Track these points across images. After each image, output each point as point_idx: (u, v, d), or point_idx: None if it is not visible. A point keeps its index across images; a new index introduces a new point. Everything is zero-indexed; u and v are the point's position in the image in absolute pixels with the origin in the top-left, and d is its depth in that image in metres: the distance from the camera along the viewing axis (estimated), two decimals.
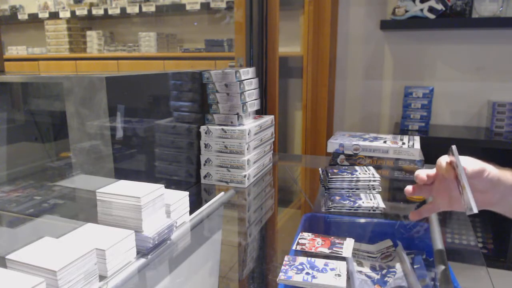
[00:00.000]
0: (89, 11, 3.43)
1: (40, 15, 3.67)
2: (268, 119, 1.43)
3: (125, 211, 0.73)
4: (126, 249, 0.69)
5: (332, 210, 1.02)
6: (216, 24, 3.16)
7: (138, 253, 0.73)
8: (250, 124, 1.28)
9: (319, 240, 0.81)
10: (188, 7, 3.02)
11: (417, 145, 1.34)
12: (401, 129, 2.14)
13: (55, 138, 1.29)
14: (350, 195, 1.10)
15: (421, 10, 2.01)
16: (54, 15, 3.63)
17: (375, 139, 1.41)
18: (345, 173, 1.15)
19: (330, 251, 0.77)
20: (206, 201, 1.07)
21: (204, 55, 3.04)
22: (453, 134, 2.06)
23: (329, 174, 1.14)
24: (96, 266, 0.61)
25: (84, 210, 0.95)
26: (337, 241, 0.80)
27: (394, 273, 0.80)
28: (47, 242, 0.61)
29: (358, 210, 1.02)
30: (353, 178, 1.13)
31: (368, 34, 2.33)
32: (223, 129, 1.23)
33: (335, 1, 2.27)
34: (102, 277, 0.64)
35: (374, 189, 1.12)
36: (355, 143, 1.36)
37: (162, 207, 0.78)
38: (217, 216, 1.05)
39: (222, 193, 1.17)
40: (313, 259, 0.73)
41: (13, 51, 3.82)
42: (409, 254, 0.85)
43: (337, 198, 1.07)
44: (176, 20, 3.33)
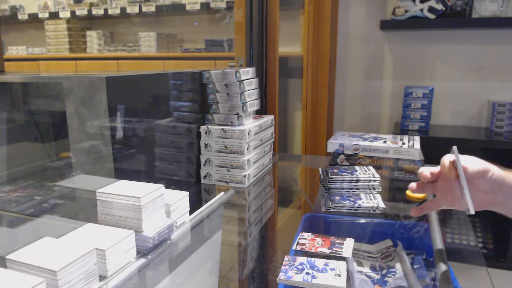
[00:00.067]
0: (89, 11, 3.43)
1: (40, 15, 3.67)
2: (268, 119, 1.43)
3: (125, 211, 0.73)
4: (126, 249, 0.69)
5: (332, 210, 1.02)
6: (216, 24, 3.16)
7: (138, 253, 0.73)
8: (250, 124, 1.28)
9: (319, 240, 0.81)
10: (188, 7, 3.02)
11: (417, 145, 1.34)
12: (401, 129, 2.14)
13: (55, 138, 1.29)
14: (350, 195, 1.10)
15: (421, 10, 2.01)
16: (54, 15, 3.62)
17: (375, 139, 1.41)
18: (345, 173, 1.15)
19: (330, 251, 0.77)
20: (206, 201, 1.07)
21: (204, 55, 3.04)
22: (453, 134, 2.06)
23: (329, 174, 1.14)
24: (96, 266, 0.61)
25: (84, 210, 0.95)
26: (337, 241, 0.80)
27: (394, 273, 0.80)
28: (47, 242, 0.61)
29: (358, 210, 1.02)
30: (353, 178, 1.13)
31: (368, 34, 2.33)
32: (223, 129, 1.23)
33: (335, 1, 2.27)
34: (102, 277, 0.64)
35: (374, 189, 1.12)
36: (355, 143, 1.36)
37: (162, 207, 0.78)
38: (217, 216, 1.05)
39: (222, 193, 1.17)
40: (313, 259, 0.73)
41: (13, 51, 3.82)
42: (409, 254, 0.85)
43: (337, 198, 1.07)
44: (176, 20, 3.33)
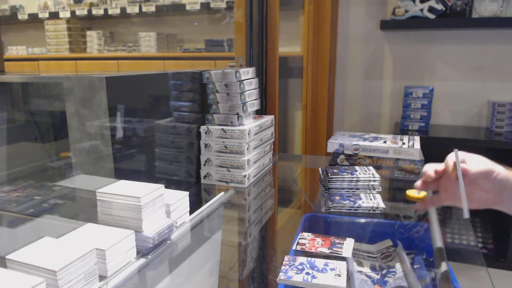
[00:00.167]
0: (89, 11, 3.43)
1: (40, 15, 3.67)
2: (268, 119, 1.43)
3: (125, 211, 0.73)
4: (126, 249, 0.69)
5: (332, 210, 1.02)
6: (216, 24, 3.16)
7: (138, 253, 0.73)
8: (250, 124, 1.28)
9: (319, 240, 0.81)
10: (188, 7, 3.02)
11: (417, 145, 1.34)
12: (401, 129, 2.14)
13: (55, 138, 1.29)
14: (350, 195, 1.10)
15: (421, 10, 2.01)
16: (54, 15, 3.62)
17: (375, 139, 1.41)
18: (345, 173, 1.15)
19: (330, 251, 0.77)
20: (206, 201, 1.07)
21: (204, 55, 3.04)
22: (453, 134, 2.06)
23: (329, 174, 1.14)
24: (96, 266, 0.61)
25: (84, 210, 0.95)
26: (337, 241, 0.80)
27: (394, 273, 0.80)
28: (47, 242, 0.61)
29: (358, 210, 1.02)
30: (353, 178, 1.13)
31: (368, 34, 2.33)
32: (223, 129, 1.23)
33: (335, 1, 2.27)
34: (102, 277, 0.64)
35: (374, 189, 1.12)
36: (355, 143, 1.36)
37: (162, 207, 0.78)
38: (217, 216, 1.05)
39: (222, 193, 1.17)
40: (313, 259, 0.73)
41: (13, 51, 3.82)
42: (409, 254, 0.85)
43: (337, 198, 1.07)
44: (176, 20, 3.33)
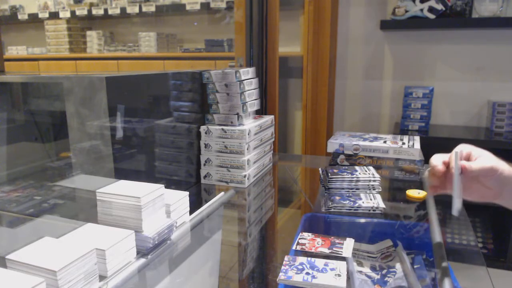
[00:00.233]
0: (89, 11, 3.43)
1: (40, 15, 3.67)
2: (268, 119, 1.43)
3: (125, 211, 0.73)
4: (126, 249, 0.69)
5: (332, 210, 1.02)
6: (216, 24, 3.16)
7: (138, 253, 0.73)
8: (250, 124, 1.28)
9: (319, 240, 0.81)
10: (188, 7, 3.02)
11: (417, 145, 1.34)
12: (401, 129, 2.14)
13: (55, 138, 1.29)
14: (350, 195, 1.10)
15: (421, 10, 2.01)
16: (54, 15, 3.62)
17: (375, 139, 1.41)
18: (345, 173, 1.15)
19: (330, 251, 0.77)
20: (206, 201, 1.07)
21: (204, 55, 3.04)
22: (453, 134, 2.06)
23: (329, 174, 1.14)
24: (96, 266, 0.61)
25: (84, 210, 0.95)
26: (337, 241, 0.80)
27: (394, 273, 0.80)
28: (47, 242, 0.61)
29: (358, 210, 1.02)
30: (353, 178, 1.13)
31: (368, 34, 2.33)
32: (223, 129, 1.23)
33: (335, 1, 2.27)
34: (102, 277, 0.64)
35: (374, 189, 1.12)
36: (355, 143, 1.36)
37: (162, 207, 0.78)
38: (217, 216, 1.05)
39: (222, 193, 1.17)
40: (313, 259, 0.73)
41: (13, 51, 3.82)
42: (409, 254, 0.85)
43: (337, 198, 1.07)
44: (176, 20, 3.33)
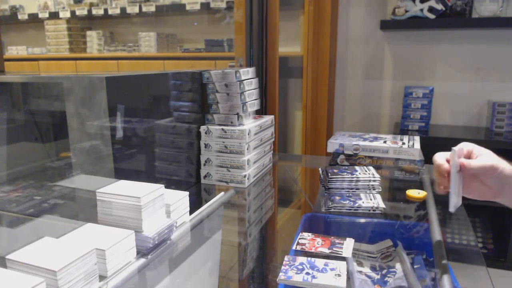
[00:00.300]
0: (89, 11, 3.43)
1: (40, 15, 3.67)
2: (268, 119, 1.43)
3: (125, 211, 0.73)
4: (126, 249, 0.69)
5: (332, 210, 1.02)
6: (216, 24, 3.16)
7: (138, 253, 0.73)
8: (250, 124, 1.28)
9: (319, 240, 0.81)
10: (188, 7, 3.02)
11: (417, 145, 1.34)
12: (401, 129, 2.14)
13: (55, 138, 1.29)
14: (350, 195, 1.10)
15: (421, 10, 2.01)
16: (54, 15, 3.62)
17: (375, 139, 1.41)
18: (345, 173, 1.15)
19: (330, 251, 0.77)
20: (206, 201, 1.07)
21: (204, 55, 3.04)
22: (453, 134, 2.06)
23: (329, 174, 1.14)
24: (96, 266, 0.61)
25: (84, 210, 0.95)
26: (337, 241, 0.80)
27: (394, 273, 0.80)
28: (47, 242, 0.61)
29: (358, 210, 1.02)
30: (353, 178, 1.13)
31: (368, 34, 2.33)
32: (223, 129, 1.23)
33: (335, 1, 2.27)
34: (102, 277, 0.64)
35: (374, 189, 1.12)
36: (355, 143, 1.36)
37: (162, 207, 0.78)
38: (217, 216, 1.05)
39: (222, 193, 1.17)
40: (313, 259, 0.73)
41: (13, 51, 3.82)
42: (409, 254, 0.85)
43: (337, 198, 1.07)
44: (176, 20, 3.33)
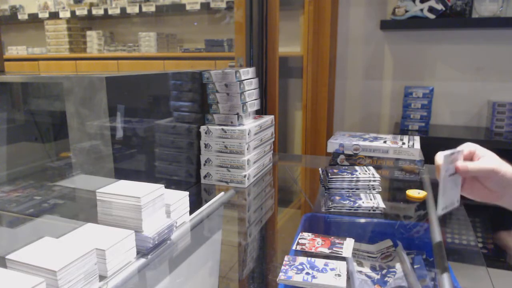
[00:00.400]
0: (89, 11, 3.43)
1: (40, 15, 3.67)
2: (268, 119, 1.43)
3: (125, 211, 0.73)
4: (126, 249, 0.69)
5: (332, 210, 1.02)
6: (216, 24, 3.16)
7: (138, 253, 0.73)
8: (250, 124, 1.28)
9: (319, 240, 0.81)
10: (188, 7, 3.02)
11: (417, 145, 1.34)
12: (401, 129, 2.14)
13: (55, 138, 1.29)
14: (350, 195, 1.10)
15: (421, 10, 2.01)
16: (54, 15, 3.62)
17: (375, 139, 1.41)
18: (345, 173, 1.15)
19: (330, 251, 0.77)
20: (206, 201, 1.07)
21: (204, 55, 3.04)
22: (453, 134, 2.06)
23: (329, 174, 1.14)
24: (96, 266, 0.61)
25: (84, 210, 0.95)
26: (337, 241, 0.80)
27: (394, 273, 0.80)
28: (47, 242, 0.61)
29: (358, 210, 1.02)
30: (353, 178, 1.13)
31: (368, 34, 2.33)
32: (223, 129, 1.23)
33: (335, 1, 2.27)
34: (102, 277, 0.64)
35: (374, 189, 1.12)
36: (355, 143, 1.36)
37: (162, 207, 0.78)
38: (217, 216, 1.05)
39: (222, 193, 1.17)
40: (313, 259, 0.73)
41: (13, 51, 3.82)
42: (409, 254, 0.85)
43: (337, 198, 1.07)
44: (176, 20, 3.33)
